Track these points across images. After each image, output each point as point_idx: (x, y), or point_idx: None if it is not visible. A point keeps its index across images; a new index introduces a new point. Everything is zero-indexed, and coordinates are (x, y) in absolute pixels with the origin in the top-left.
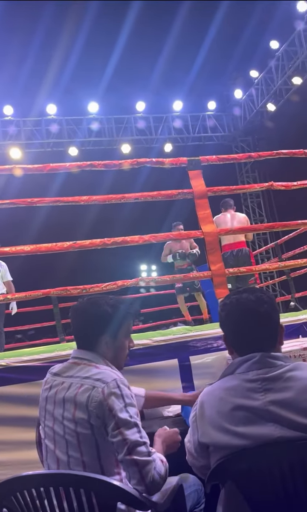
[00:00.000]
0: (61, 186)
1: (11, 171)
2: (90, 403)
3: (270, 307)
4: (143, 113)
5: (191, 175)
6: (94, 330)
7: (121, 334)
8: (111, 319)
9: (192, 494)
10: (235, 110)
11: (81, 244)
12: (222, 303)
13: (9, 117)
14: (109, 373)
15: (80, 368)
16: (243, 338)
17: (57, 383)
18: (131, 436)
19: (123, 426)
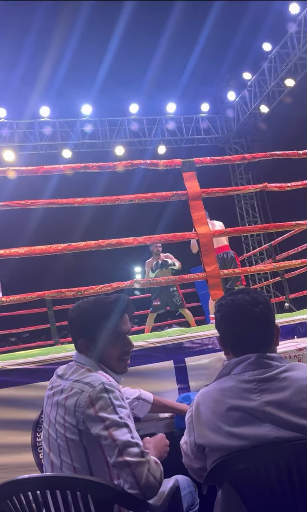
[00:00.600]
0: (56, 189)
1: (5, 173)
2: (77, 408)
3: (266, 308)
4: (137, 115)
5: (185, 176)
6: (73, 334)
7: (102, 337)
8: (85, 322)
9: (187, 495)
10: (228, 112)
11: (76, 246)
12: (217, 304)
13: (2, 120)
14: (99, 376)
15: (74, 371)
16: (238, 339)
17: (56, 385)
18: (121, 436)
19: (112, 427)
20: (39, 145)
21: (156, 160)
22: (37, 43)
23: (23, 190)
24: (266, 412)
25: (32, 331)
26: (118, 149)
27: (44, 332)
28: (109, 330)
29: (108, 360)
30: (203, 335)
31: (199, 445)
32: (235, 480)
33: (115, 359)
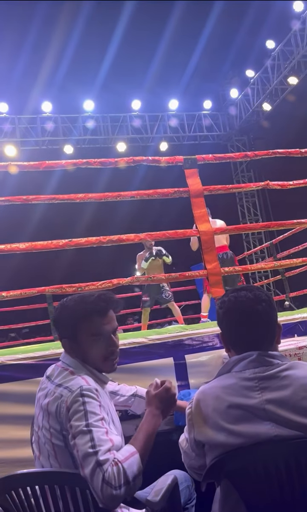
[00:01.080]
0: (58, 185)
1: (6, 168)
2: (59, 414)
3: (268, 306)
4: (139, 112)
5: (187, 173)
6: (58, 333)
7: (82, 336)
8: (66, 321)
9: (184, 490)
10: (230, 110)
11: (77, 242)
12: (220, 300)
13: (4, 115)
14: (79, 380)
15: (59, 373)
16: (240, 336)
17: (44, 387)
18: (81, 447)
19: (77, 436)
20: (40, 140)
21: (157, 157)
22: (39, 37)
23: (25, 186)
24: (266, 410)
25: (31, 326)
26: (120, 145)
27: (44, 328)
28: (90, 330)
29: (93, 360)
30: (203, 332)
31: (199, 441)
32: (234, 477)
33: (101, 360)
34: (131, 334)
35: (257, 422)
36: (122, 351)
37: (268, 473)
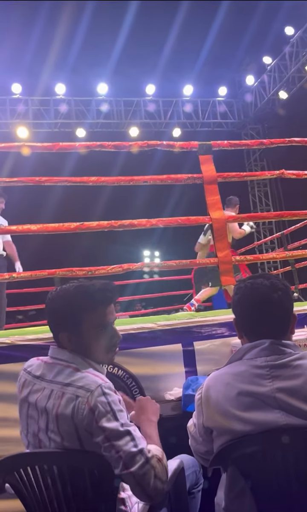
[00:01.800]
0: (71, 169)
1: (20, 149)
2: (76, 416)
3: (284, 295)
4: (153, 96)
5: (201, 159)
6: (52, 327)
7: (86, 329)
8: (67, 314)
9: (190, 475)
10: (246, 97)
11: (88, 226)
12: (236, 286)
13: (17, 95)
14: (92, 378)
15: (59, 371)
16: (254, 323)
17: (38, 388)
18: (124, 447)
19: (113, 437)
20: (53, 123)
21: (172, 142)
22: (53, 18)
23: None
24: (277, 398)
25: (39, 309)
26: (133, 130)
27: None
28: (95, 322)
29: (96, 353)
30: (212, 320)
31: (207, 427)
32: (241, 464)
33: (103, 352)
34: (140, 319)
35: (267, 410)
36: (131, 336)
37: (275, 462)
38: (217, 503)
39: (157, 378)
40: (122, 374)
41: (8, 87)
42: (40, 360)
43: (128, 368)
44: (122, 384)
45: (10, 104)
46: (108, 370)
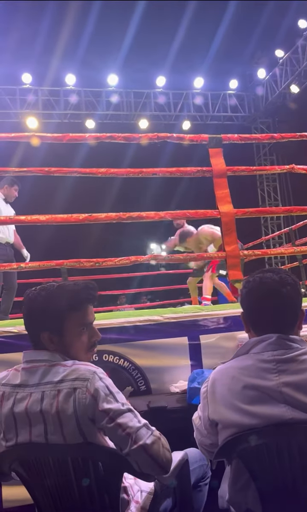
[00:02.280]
0: (81, 161)
1: (29, 139)
2: (78, 407)
3: (293, 290)
4: (163, 89)
5: (211, 153)
6: (32, 327)
7: (69, 328)
8: (50, 313)
9: (197, 469)
10: (257, 90)
11: (97, 217)
12: (245, 280)
13: (27, 85)
14: (84, 367)
15: (43, 372)
16: (261, 317)
17: (23, 396)
18: (130, 423)
19: (118, 417)
20: (63, 114)
21: (182, 134)
22: (63, 9)
23: (48, 161)
24: (282, 392)
25: None
26: (143, 122)
27: None
28: (78, 321)
29: (76, 352)
30: (219, 314)
31: (212, 420)
32: (246, 457)
33: (84, 351)
34: (146, 312)
35: (272, 404)
36: (137, 328)
37: (280, 455)
38: (220, 496)
39: (163, 370)
40: (128, 366)
41: (18, 77)
42: (13, 369)
43: (134, 359)
44: (128, 375)
45: (20, 94)
46: (115, 361)
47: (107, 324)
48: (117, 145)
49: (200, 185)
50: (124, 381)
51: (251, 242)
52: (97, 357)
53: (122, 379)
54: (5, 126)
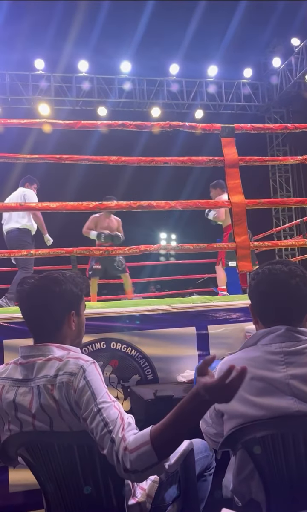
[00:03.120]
0: (92, 149)
1: (41, 125)
2: (70, 402)
3: (302, 282)
4: (177, 77)
5: (223, 142)
6: (59, 307)
7: (71, 317)
8: (75, 294)
9: (202, 459)
10: (271, 79)
11: (107, 206)
12: (254, 272)
13: (40, 72)
14: (73, 361)
15: (38, 367)
16: (270, 309)
17: (25, 390)
18: (95, 429)
19: (88, 418)
20: (75, 100)
21: (194, 123)
22: None
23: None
24: (290, 385)
25: None
26: (155, 110)
27: None
28: (80, 310)
29: (71, 339)
30: (227, 305)
31: (218, 411)
32: (251, 447)
33: (76, 338)
34: (155, 301)
35: (279, 396)
36: (146, 317)
37: (286, 447)
38: (224, 485)
39: (170, 359)
40: (135, 354)
41: (31, 63)
42: (12, 363)
43: (142, 348)
44: (135, 364)
45: (32, 80)
46: (122, 349)
47: (116, 312)
48: (129, 133)
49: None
50: (131, 369)
51: (261, 234)
52: (105, 345)
53: (129, 367)
54: (17, 112)
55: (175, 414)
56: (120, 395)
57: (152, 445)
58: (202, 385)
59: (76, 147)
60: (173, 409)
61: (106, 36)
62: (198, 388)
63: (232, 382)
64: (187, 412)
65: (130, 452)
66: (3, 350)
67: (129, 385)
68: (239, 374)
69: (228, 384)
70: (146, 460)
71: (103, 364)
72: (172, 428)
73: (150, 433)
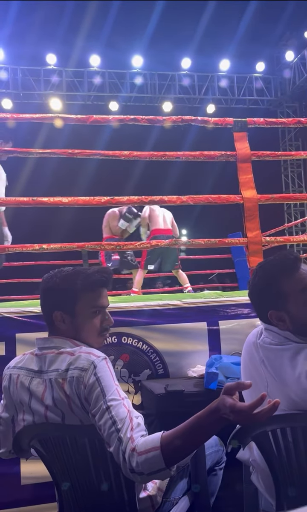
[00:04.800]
0: (104, 144)
1: (53, 120)
2: (81, 397)
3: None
4: (188, 71)
5: (236, 137)
6: (46, 305)
7: (81, 309)
8: (63, 292)
9: (213, 454)
10: (284, 73)
11: (118, 200)
12: (255, 268)
13: (51, 66)
14: (85, 356)
15: (50, 360)
16: None
17: (39, 381)
18: (103, 426)
19: (97, 414)
20: (86, 95)
21: (206, 118)
22: None
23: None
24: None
25: None
26: (166, 105)
27: None
28: (90, 303)
29: (87, 335)
30: (239, 300)
31: None
32: (261, 440)
33: (95, 335)
34: (166, 296)
35: None
36: (156, 311)
37: (296, 441)
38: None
39: (181, 354)
40: (146, 349)
41: (43, 58)
42: (29, 353)
43: (153, 343)
44: (146, 358)
45: (44, 74)
46: (133, 344)
47: (128, 307)
48: (140, 128)
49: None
50: (142, 363)
51: (273, 229)
52: (116, 339)
53: (140, 361)
54: (29, 107)
55: (189, 425)
56: (131, 389)
57: (161, 451)
58: (228, 405)
59: (87, 142)
60: (188, 419)
61: (118, 31)
62: (219, 405)
63: (260, 413)
64: (202, 426)
65: (138, 454)
66: (16, 343)
67: (140, 379)
68: (270, 408)
69: (255, 413)
70: (153, 464)
71: (114, 358)
72: (184, 438)
73: (161, 438)
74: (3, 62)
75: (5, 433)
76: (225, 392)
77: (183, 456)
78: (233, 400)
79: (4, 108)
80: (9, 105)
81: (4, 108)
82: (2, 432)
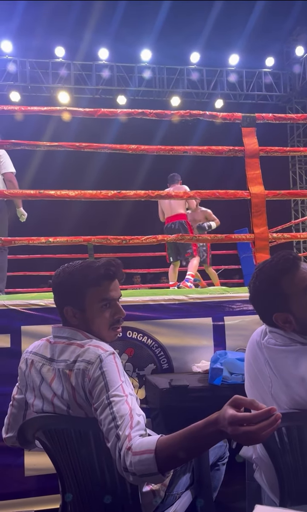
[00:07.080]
0: (112, 138)
1: (61, 113)
2: (86, 390)
3: None
4: (197, 65)
5: (244, 132)
6: (58, 301)
7: (90, 303)
8: (71, 287)
9: (216, 449)
10: (294, 69)
11: (125, 194)
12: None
13: (60, 59)
14: (93, 349)
15: (61, 349)
16: None
17: (50, 369)
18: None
19: (98, 409)
20: (94, 89)
21: (215, 112)
22: None
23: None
24: None
25: None
26: (174, 99)
27: None
28: (99, 296)
29: (98, 329)
30: (244, 296)
31: None
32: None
33: (106, 328)
34: (172, 291)
35: None
36: (162, 306)
37: (302, 439)
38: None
39: (185, 349)
40: (151, 343)
41: (51, 50)
42: (45, 340)
43: (158, 337)
44: (151, 352)
45: (52, 67)
46: (138, 338)
47: (132, 301)
48: (148, 121)
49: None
50: (147, 358)
51: (280, 226)
52: (121, 333)
53: (145, 356)
54: (37, 100)
55: (186, 434)
56: (136, 383)
57: (155, 456)
58: (227, 417)
59: (95, 135)
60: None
61: (126, 24)
62: (219, 417)
63: (263, 425)
64: (197, 438)
65: (133, 454)
66: (21, 335)
67: (144, 373)
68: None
69: (257, 427)
70: (146, 467)
71: (119, 352)
72: (179, 446)
73: (157, 443)
74: (12, 54)
75: (16, 416)
76: (231, 403)
77: (176, 464)
78: (234, 411)
79: (12, 100)
80: (17, 97)
81: (12, 101)
82: (14, 415)
